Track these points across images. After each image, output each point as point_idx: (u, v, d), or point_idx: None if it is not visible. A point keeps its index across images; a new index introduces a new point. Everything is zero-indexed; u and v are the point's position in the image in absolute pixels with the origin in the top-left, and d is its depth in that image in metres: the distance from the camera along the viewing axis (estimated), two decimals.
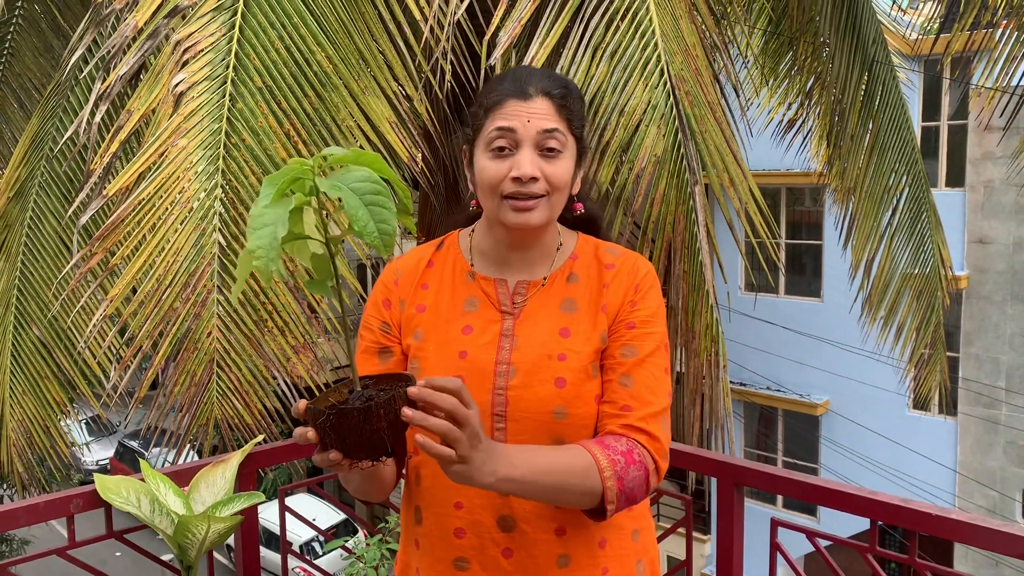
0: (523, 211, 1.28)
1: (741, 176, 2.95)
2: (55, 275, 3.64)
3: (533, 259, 1.37)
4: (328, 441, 1.03)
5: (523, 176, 1.26)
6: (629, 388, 1.28)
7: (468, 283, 1.38)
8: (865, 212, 5.30)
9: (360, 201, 0.94)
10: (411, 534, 1.38)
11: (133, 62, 2.69)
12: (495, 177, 1.28)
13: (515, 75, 1.33)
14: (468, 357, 1.30)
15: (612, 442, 1.24)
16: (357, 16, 2.89)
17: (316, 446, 1.06)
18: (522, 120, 1.27)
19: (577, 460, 1.20)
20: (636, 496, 1.25)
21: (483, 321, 1.34)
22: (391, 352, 1.38)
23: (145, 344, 2.67)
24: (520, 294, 1.35)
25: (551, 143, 1.28)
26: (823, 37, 5.23)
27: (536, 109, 1.28)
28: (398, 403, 1.02)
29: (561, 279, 1.36)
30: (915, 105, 11.12)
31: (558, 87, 1.31)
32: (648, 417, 1.27)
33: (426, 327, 1.35)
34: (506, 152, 1.28)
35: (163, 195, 2.63)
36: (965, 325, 11.29)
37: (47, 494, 1.98)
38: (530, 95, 1.28)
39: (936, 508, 1.65)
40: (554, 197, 1.30)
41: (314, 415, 1.03)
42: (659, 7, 2.89)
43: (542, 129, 1.27)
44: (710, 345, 2.84)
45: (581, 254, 1.39)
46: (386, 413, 1.01)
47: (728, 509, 2.00)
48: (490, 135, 1.29)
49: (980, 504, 11.29)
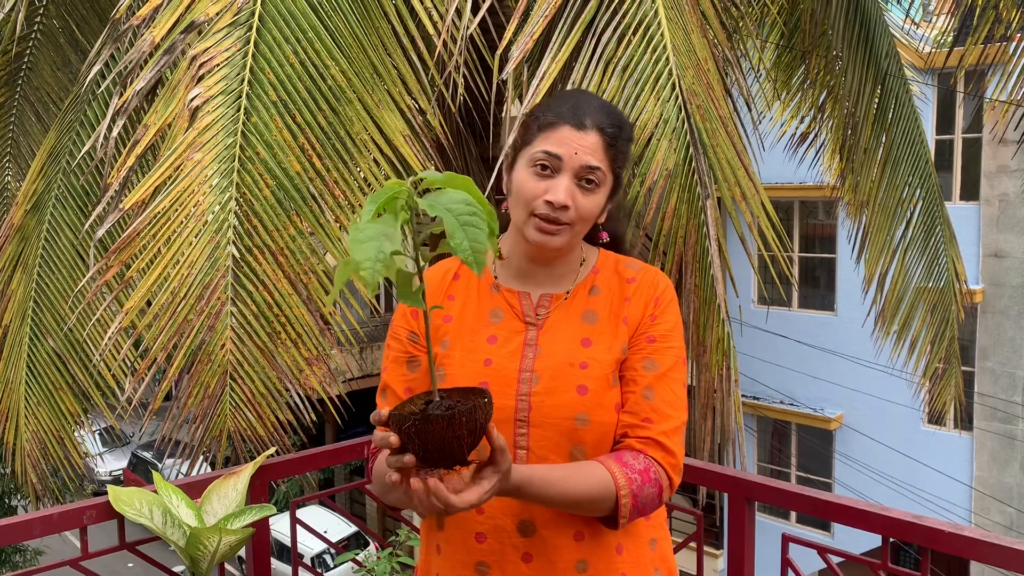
0: (547, 233, 1.33)
1: (753, 190, 2.95)
2: (71, 287, 3.67)
3: (557, 274, 1.42)
4: (411, 446, 1.07)
5: (556, 202, 1.30)
6: (651, 401, 1.33)
7: (493, 295, 1.42)
8: (878, 225, 5.28)
9: (457, 221, 1.00)
10: (433, 540, 1.41)
11: (150, 77, 2.72)
12: (530, 194, 1.32)
13: (577, 101, 1.37)
14: (493, 365, 1.34)
15: (630, 459, 1.29)
16: (371, 31, 2.91)
17: (389, 453, 1.10)
18: (570, 151, 1.31)
19: (593, 482, 1.25)
20: (647, 511, 1.31)
21: (508, 332, 1.38)
22: (419, 361, 1.41)
23: (159, 356, 2.68)
24: (544, 306, 1.40)
25: (590, 178, 1.32)
26: (836, 51, 5.23)
27: (586, 143, 1.32)
28: (479, 412, 1.06)
29: (583, 292, 1.41)
30: (929, 118, 11.08)
31: (613, 126, 1.35)
32: (669, 432, 1.32)
33: (452, 336, 1.39)
34: (547, 173, 1.32)
35: (178, 208, 2.65)
36: (981, 339, 11.19)
37: (61, 505, 1.99)
38: (585, 126, 1.33)
39: (949, 525, 1.64)
40: (579, 226, 1.35)
41: (399, 420, 1.07)
42: (671, 22, 2.90)
43: (586, 164, 1.32)
44: (721, 359, 2.84)
45: (602, 268, 1.44)
46: (467, 421, 1.05)
47: (739, 524, 2.00)
48: (536, 154, 1.33)
49: (997, 521, 11.16)
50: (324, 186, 2.77)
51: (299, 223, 2.74)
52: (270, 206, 2.70)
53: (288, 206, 2.73)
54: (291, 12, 2.75)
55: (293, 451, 2.50)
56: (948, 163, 11.34)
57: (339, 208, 2.79)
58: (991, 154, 10.87)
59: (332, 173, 2.78)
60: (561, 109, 1.35)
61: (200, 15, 2.71)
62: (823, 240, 12.71)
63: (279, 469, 2.17)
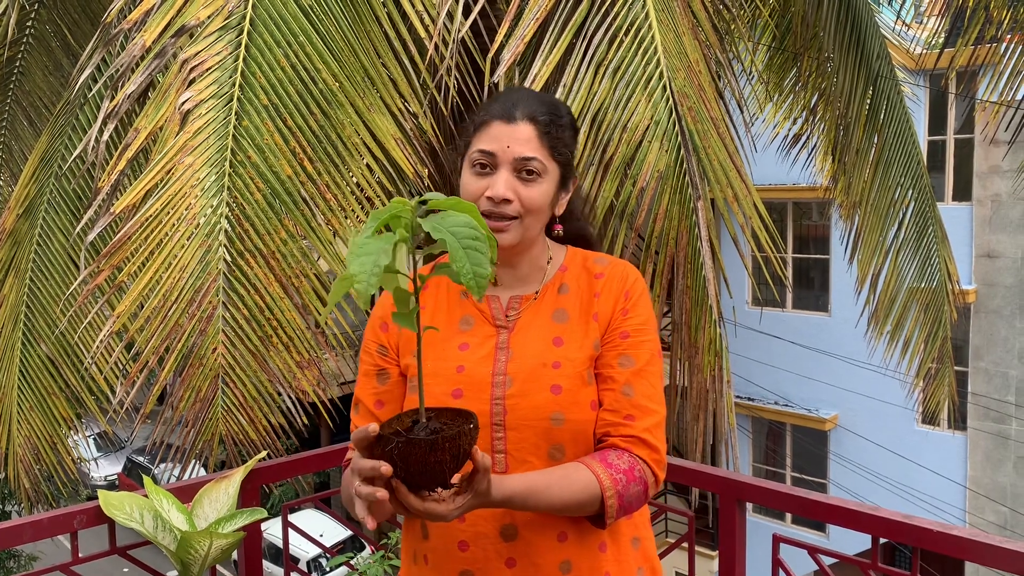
0: (496, 231, 1.32)
1: (745, 191, 2.96)
2: (63, 292, 3.66)
3: (523, 275, 1.42)
4: (394, 468, 1.08)
5: (495, 197, 1.32)
6: (631, 397, 1.32)
7: (462, 302, 1.42)
8: (871, 226, 5.30)
9: (459, 244, 1.01)
10: (418, 550, 1.40)
11: (141, 81, 2.72)
12: (472, 194, 1.34)
13: (506, 97, 1.38)
14: (466, 371, 1.34)
15: (615, 459, 1.29)
16: (362, 34, 2.91)
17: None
18: (502, 145, 1.32)
19: (578, 486, 1.25)
20: (634, 509, 1.32)
21: (479, 337, 1.38)
22: (388, 374, 1.41)
23: (151, 360, 2.68)
24: (514, 308, 1.40)
25: (529, 169, 1.33)
26: (827, 53, 5.24)
27: (518, 135, 1.33)
28: (463, 439, 1.07)
29: (552, 291, 1.41)
30: (921, 119, 11.12)
31: (545, 113, 1.35)
32: (652, 427, 1.32)
33: (424, 347, 1.37)
34: (487, 171, 1.34)
35: (170, 212, 2.65)
36: (974, 339, 11.23)
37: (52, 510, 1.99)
38: (515, 119, 1.33)
39: (938, 524, 1.64)
40: (527, 219, 1.35)
41: (383, 442, 1.07)
42: (662, 24, 2.91)
43: (519, 156, 1.32)
44: (713, 360, 2.84)
45: (570, 265, 1.44)
46: (451, 447, 1.06)
47: (730, 525, 2.00)
48: (473, 154, 1.35)
49: (991, 520, 11.19)
50: (316, 190, 2.77)
51: (290, 227, 2.74)
52: (261, 210, 2.70)
53: (280, 210, 2.73)
54: (282, 16, 2.75)
55: (285, 455, 2.50)
56: (940, 164, 11.39)
57: (331, 212, 2.79)
58: (983, 155, 10.91)
59: (324, 177, 2.79)
60: (492, 107, 1.36)
61: (191, 19, 2.71)
62: (817, 241, 12.75)
63: (270, 473, 2.17)
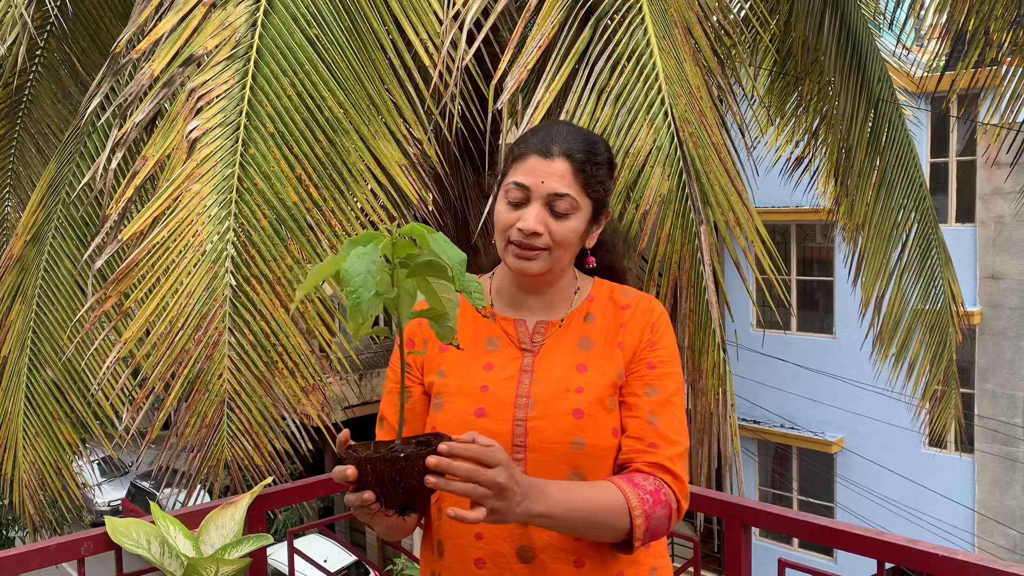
0: (524, 259, 1.36)
1: (747, 215, 2.98)
2: (70, 317, 3.69)
3: (550, 302, 1.45)
4: (366, 483, 1.09)
5: (525, 230, 1.34)
6: (655, 426, 1.34)
7: (489, 324, 1.45)
8: (874, 249, 5.31)
9: (460, 268, 1.07)
10: (434, 568, 1.41)
11: (149, 109, 2.75)
12: (504, 223, 1.37)
13: (546, 131, 1.40)
14: (489, 391, 1.36)
15: (641, 481, 1.30)
16: (367, 62, 2.95)
17: (351, 486, 1.12)
18: (537, 180, 1.35)
19: (609, 497, 1.25)
20: (659, 534, 1.31)
21: (504, 359, 1.40)
22: (410, 392, 1.44)
23: (157, 386, 2.70)
24: (539, 333, 1.42)
25: (560, 205, 1.35)
26: (828, 77, 5.28)
27: (554, 170, 1.35)
28: (409, 462, 1.07)
29: (578, 319, 1.43)
30: (923, 141, 11.15)
31: (582, 151, 1.37)
32: (675, 457, 1.33)
33: (449, 365, 1.41)
34: (519, 203, 1.36)
35: (177, 239, 2.67)
36: (980, 361, 11.18)
37: (58, 536, 1.99)
38: (552, 155, 1.36)
39: (943, 549, 1.64)
40: (556, 252, 1.37)
41: (355, 458, 1.09)
42: (663, 51, 2.94)
43: (552, 192, 1.35)
44: (717, 384, 2.85)
45: (597, 296, 1.47)
46: (418, 472, 1.07)
47: (736, 550, 2.00)
48: (508, 185, 1.38)
49: (1000, 544, 11.09)
50: (321, 216, 2.80)
51: (296, 253, 2.77)
52: (268, 236, 2.73)
53: (285, 236, 2.75)
54: (288, 45, 2.79)
55: (291, 481, 2.50)
56: (944, 186, 11.41)
57: (336, 238, 2.82)
58: (986, 176, 10.93)
59: (329, 203, 2.81)
60: (531, 140, 1.39)
61: (199, 49, 2.75)
62: (821, 263, 12.75)
63: (276, 498, 2.17)
